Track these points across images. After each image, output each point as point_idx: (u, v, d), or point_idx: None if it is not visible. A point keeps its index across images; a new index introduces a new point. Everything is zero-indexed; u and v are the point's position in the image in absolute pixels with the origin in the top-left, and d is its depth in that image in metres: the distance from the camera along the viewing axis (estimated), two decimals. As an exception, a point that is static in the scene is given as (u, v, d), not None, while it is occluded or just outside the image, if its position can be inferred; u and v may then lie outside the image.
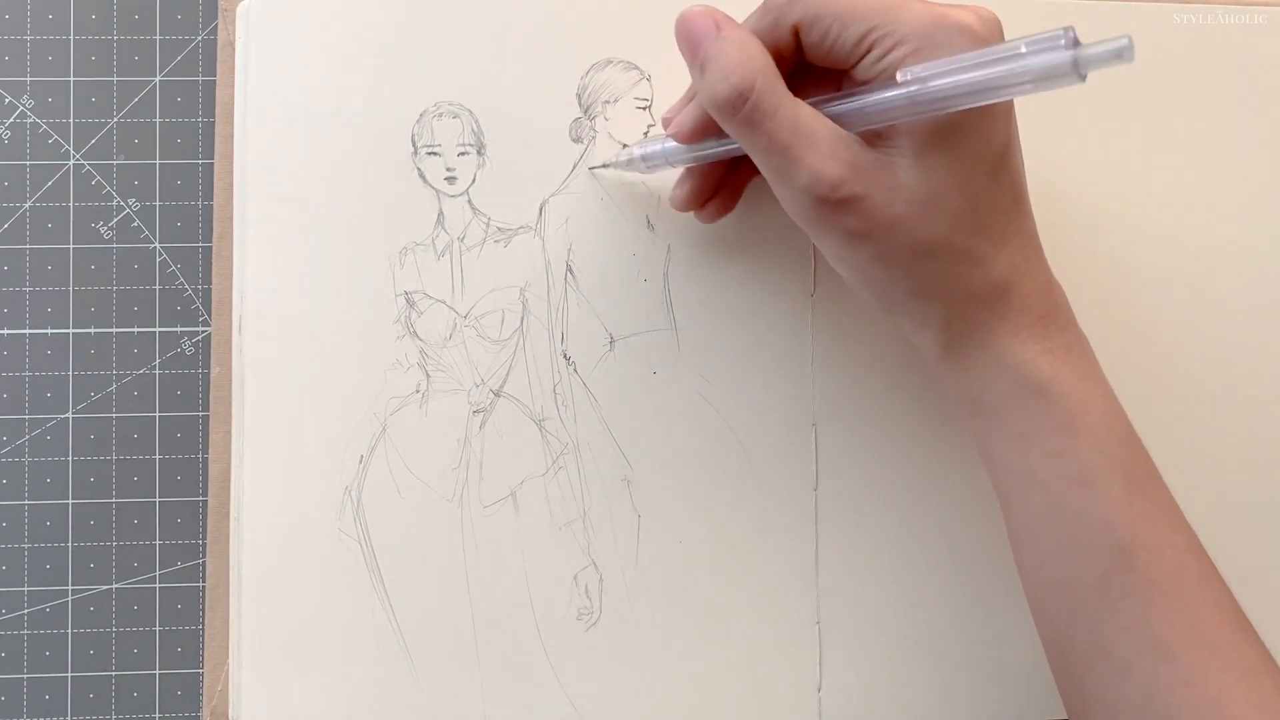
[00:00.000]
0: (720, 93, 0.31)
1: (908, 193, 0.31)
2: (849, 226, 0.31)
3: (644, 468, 0.39)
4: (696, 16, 0.33)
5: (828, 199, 0.31)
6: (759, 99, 0.31)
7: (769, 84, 0.31)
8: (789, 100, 0.31)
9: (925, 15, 0.31)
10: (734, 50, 0.32)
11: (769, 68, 0.32)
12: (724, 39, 0.32)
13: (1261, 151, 0.42)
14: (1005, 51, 0.29)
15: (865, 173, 0.31)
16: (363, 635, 0.38)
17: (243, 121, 0.39)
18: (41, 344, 0.40)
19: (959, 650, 0.39)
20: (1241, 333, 0.41)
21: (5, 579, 0.40)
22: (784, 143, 0.31)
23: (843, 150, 0.31)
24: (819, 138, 0.31)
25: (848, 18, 0.31)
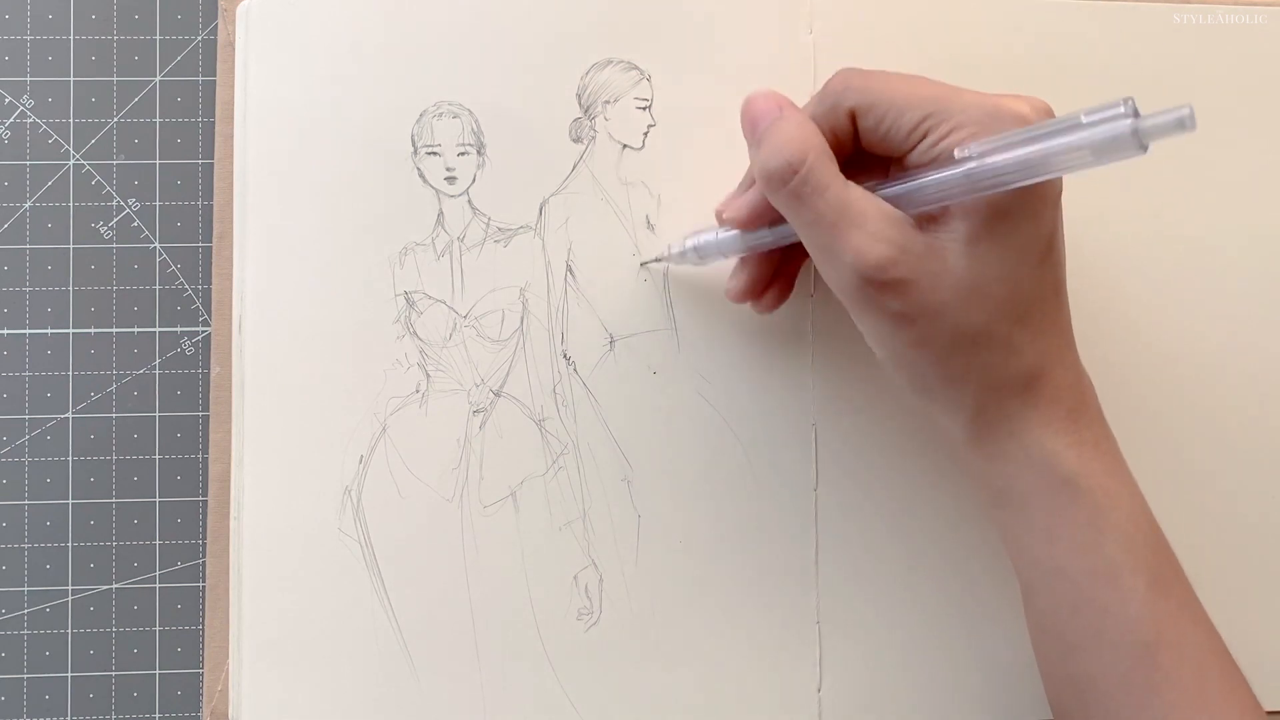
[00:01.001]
0: (773, 165, 0.32)
1: (954, 279, 0.31)
2: (892, 309, 0.31)
3: (644, 468, 0.39)
4: (760, 98, 0.34)
5: (873, 280, 0.31)
6: (809, 173, 0.31)
7: (821, 160, 0.32)
8: (840, 179, 0.32)
9: (981, 103, 0.31)
10: (791, 127, 0.32)
11: (822, 146, 0.32)
12: (783, 118, 0.33)
13: (1262, 151, 0.42)
14: (1063, 123, 0.29)
15: (913, 256, 0.31)
16: (363, 635, 0.38)
17: (243, 121, 0.39)
18: (41, 344, 0.40)
19: (958, 650, 0.39)
20: (1242, 333, 0.41)
21: (5, 579, 0.40)
22: (832, 220, 0.31)
23: (893, 232, 0.31)
24: (868, 218, 0.31)
25: (904, 105, 0.31)
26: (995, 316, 0.31)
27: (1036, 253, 0.32)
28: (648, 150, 0.40)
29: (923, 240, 0.31)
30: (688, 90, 0.40)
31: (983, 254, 0.31)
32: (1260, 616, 0.41)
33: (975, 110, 0.31)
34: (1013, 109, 0.31)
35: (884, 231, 0.31)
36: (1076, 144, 0.28)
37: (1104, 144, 0.28)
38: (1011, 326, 0.32)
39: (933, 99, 0.31)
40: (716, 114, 0.40)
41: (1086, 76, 0.41)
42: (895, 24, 0.41)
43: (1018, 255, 0.31)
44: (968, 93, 0.31)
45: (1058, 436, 0.32)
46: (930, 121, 0.31)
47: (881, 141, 0.32)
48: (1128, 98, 0.28)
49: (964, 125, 0.31)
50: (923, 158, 0.32)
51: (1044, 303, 0.32)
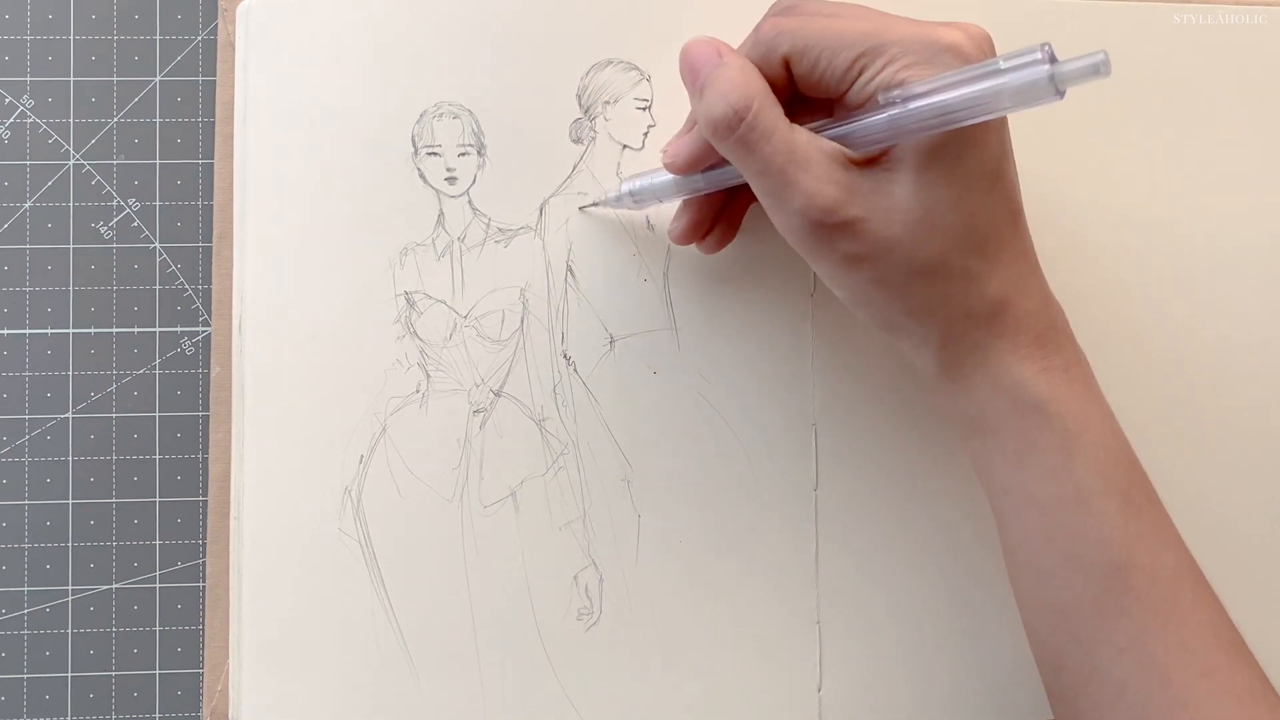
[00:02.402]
0: (717, 112, 0.32)
1: (904, 214, 0.31)
2: (845, 250, 0.31)
3: (644, 468, 0.39)
4: (699, 44, 0.33)
5: (824, 223, 0.31)
6: (755, 119, 0.31)
7: (766, 105, 0.31)
8: (785, 124, 0.31)
9: (913, 34, 0.31)
10: (734, 73, 0.32)
11: (766, 91, 0.32)
12: (725, 64, 0.32)
13: (1262, 151, 0.42)
14: (982, 70, 0.29)
15: (861, 195, 0.31)
16: (363, 635, 0.38)
17: (243, 121, 0.39)
18: (41, 344, 0.40)
19: (958, 650, 0.39)
20: (1243, 332, 0.41)
21: (5, 579, 0.40)
22: (779, 165, 0.31)
23: (838, 173, 0.31)
24: (814, 161, 0.31)
25: (836, 45, 0.31)
26: (950, 247, 0.31)
27: (985, 179, 0.31)
28: (648, 150, 0.40)
29: (869, 178, 0.31)
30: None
31: (930, 185, 0.31)
32: (1261, 616, 0.41)
33: (910, 42, 0.30)
34: (947, 38, 0.30)
35: (831, 173, 0.31)
36: (995, 90, 0.28)
37: (1022, 90, 0.28)
38: (968, 257, 0.32)
39: (866, 34, 0.31)
40: (716, 114, 0.40)
41: (1086, 77, 0.41)
42: (895, 24, 0.41)
43: (966, 184, 0.31)
44: (902, 23, 0.31)
45: (1026, 363, 0.32)
46: (865, 59, 0.31)
47: (818, 84, 0.32)
48: (1045, 43, 0.28)
49: (898, 58, 0.30)
50: (860, 95, 0.31)
51: (1000, 230, 0.32)
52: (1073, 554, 0.32)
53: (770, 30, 0.32)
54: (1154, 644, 0.31)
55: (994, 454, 0.33)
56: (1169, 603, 0.31)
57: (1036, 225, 0.41)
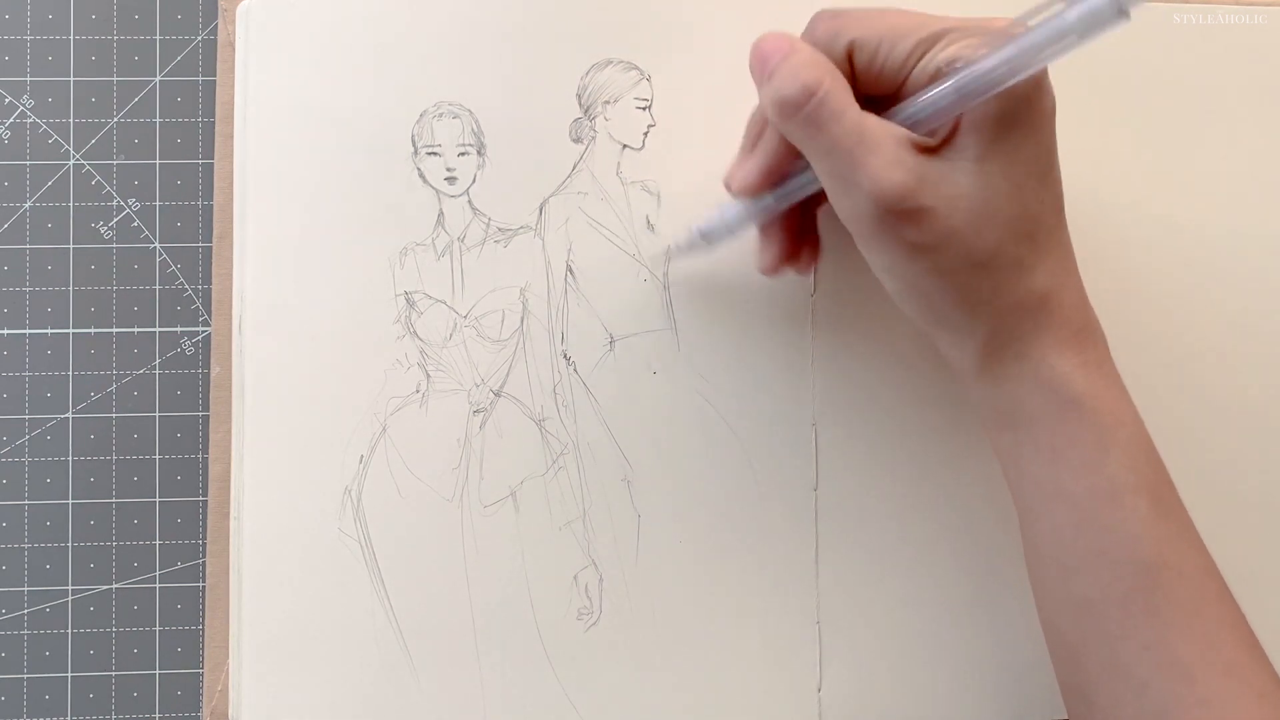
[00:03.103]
0: (788, 91, 0.31)
1: (968, 202, 0.31)
2: (910, 238, 0.31)
3: (644, 468, 0.39)
4: (771, 37, 0.33)
5: (892, 209, 0.31)
6: (826, 95, 0.31)
7: (837, 84, 0.31)
8: (855, 106, 0.31)
9: (968, 23, 0.31)
10: (805, 54, 0.32)
11: (837, 73, 0.32)
12: (795, 51, 0.32)
13: (1262, 151, 0.42)
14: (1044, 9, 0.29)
15: (929, 183, 0.31)
16: (363, 635, 0.38)
17: (243, 121, 0.39)
18: (41, 344, 0.40)
19: (958, 650, 0.39)
20: (1243, 331, 0.41)
21: (5, 579, 0.40)
22: (849, 145, 0.31)
23: (908, 159, 0.31)
24: (884, 145, 0.31)
25: (896, 34, 0.32)
26: (1006, 236, 0.31)
27: (1039, 168, 0.32)
28: (648, 150, 0.40)
29: (935, 165, 0.31)
30: (688, 90, 0.40)
31: (991, 173, 0.31)
32: (1262, 615, 0.41)
33: (967, 27, 0.31)
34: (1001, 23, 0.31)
35: (900, 158, 0.31)
36: (1061, 27, 0.29)
37: (1087, 19, 0.28)
38: (1021, 246, 0.32)
39: (923, 24, 0.31)
40: (716, 114, 0.40)
41: (1087, 76, 0.41)
42: (895, 24, 0.41)
43: (1023, 171, 0.31)
44: (954, 19, 0.32)
45: (1065, 357, 0.32)
46: (924, 44, 0.31)
47: (879, 74, 0.32)
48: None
49: (957, 39, 0.31)
50: (920, 77, 0.32)
51: (1048, 221, 0.33)
52: (1102, 549, 0.32)
53: (830, 25, 0.33)
54: (1179, 642, 0.31)
55: (1026, 447, 0.33)
56: (1195, 602, 0.31)
57: (1036, 225, 0.41)
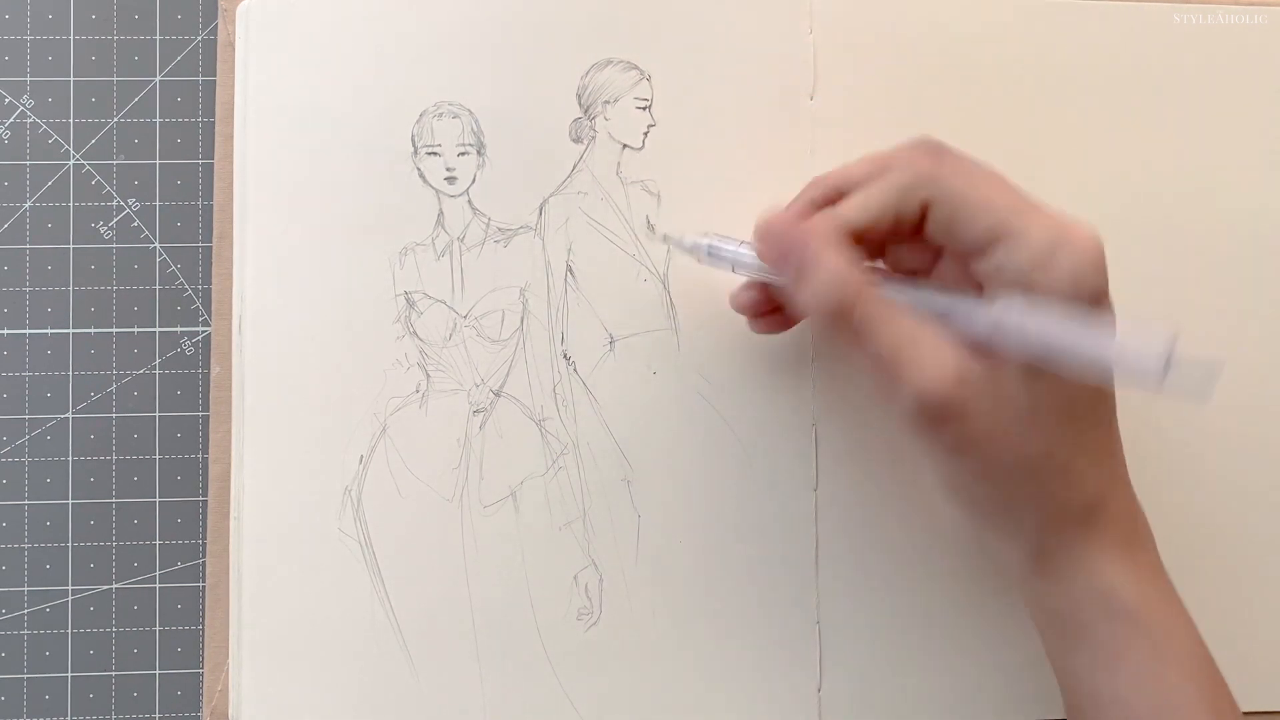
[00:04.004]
0: (826, 305, 0.31)
1: (1014, 407, 0.31)
2: (953, 437, 0.31)
3: (644, 468, 0.39)
4: (785, 224, 0.33)
5: (933, 411, 0.31)
6: (865, 311, 0.31)
7: (870, 300, 0.31)
8: (892, 313, 0.31)
9: (1051, 227, 0.30)
10: (834, 266, 0.31)
11: (868, 281, 0.32)
12: (823, 249, 0.32)
13: (1262, 151, 0.42)
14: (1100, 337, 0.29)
15: (971, 386, 0.31)
16: (363, 635, 0.38)
17: (243, 121, 0.39)
18: (41, 344, 0.40)
19: (959, 650, 0.39)
20: (1242, 331, 0.41)
21: (5, 579, 0.40)
22: (888, 355, 0.31)
23: (949, 359, 0.31)
24: (923, 350, 0.31)
25: (977, 207, 0.31)
26: (1055, 443, 0.31)
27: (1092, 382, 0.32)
28: (648, 150, 0.40)
29: (979, 368, 0.31)
30: (688, 90, 0.40)
31: (1039, 380, 0.31)
32: (1260, 615, 0.41)
33: (1045, 236, 0.30)
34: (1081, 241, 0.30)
35: (941, 360, 0.31)
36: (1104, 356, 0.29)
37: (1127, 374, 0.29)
38: (1070, 452, 0.31)
39: (1007, 211, 0.31)
40: (716, 114, 0.40)
41: (1087, 76, 0.41)
42: (895, 24, 0.41)
43: (1074, 384, 0.31)
44: (1039, 213, 0.31)
45: (1117, 566, 0.32)
46: (998, 234, 0.31)
47: (948, 238, 0.32)
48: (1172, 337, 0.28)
49: (1029, 247, 0.30)
50: (984, 267, 0.31)
51: (1099, 428, 0.32)
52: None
53: (924, 168, 0.32)
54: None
55: (1082, 654, 0.33)
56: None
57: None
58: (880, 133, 0.40)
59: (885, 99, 0.40)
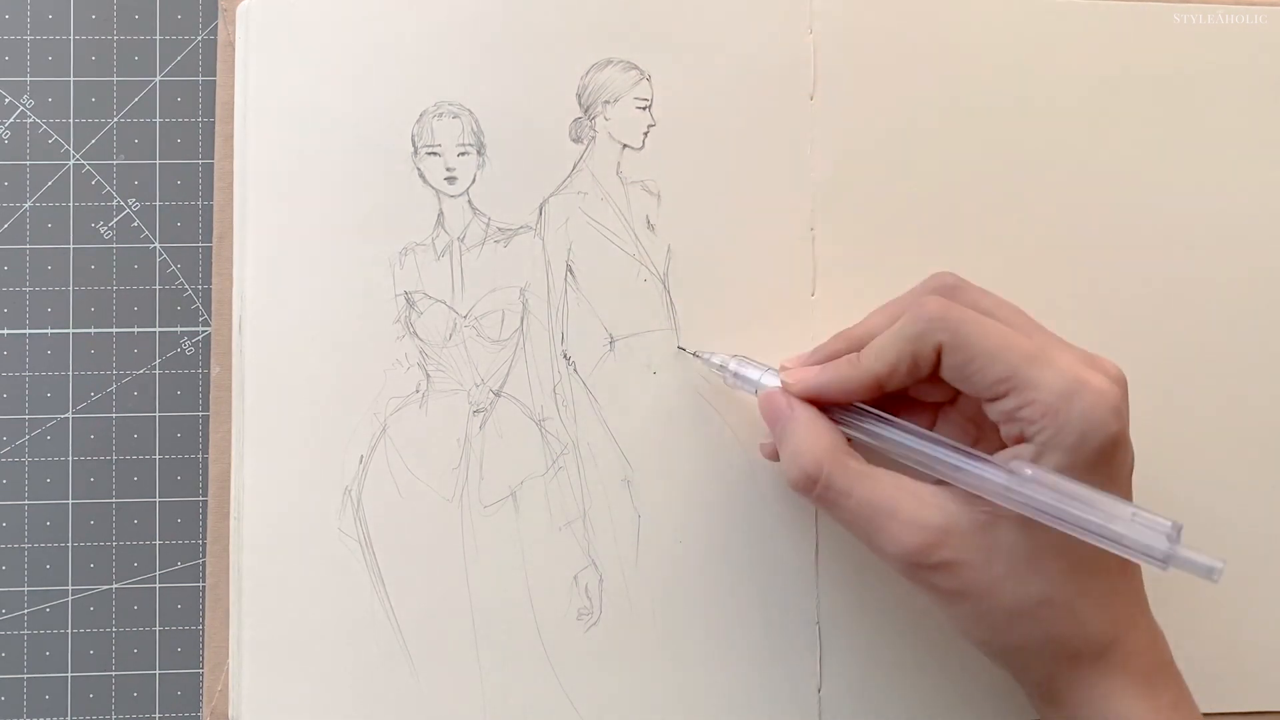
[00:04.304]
0: (792, 476, 0.33)
1: (1008, 553, 0.31)
2: (943, 587, 0.32)
3: (644, 468, 0.39)
4: (771, 398, 0.35)
5: (919, 564, 0.31)
6: (829, 480, 0.32)
7: (836, 467, 0.32)
8: (862, 477, 0.32)
9: (1064, 377, 0.30)
10: (802, 435, 0.33)
11: (834, 449, 0.33)
12: (794, 419, 0.33)
13: (1261, 151, 0.42)
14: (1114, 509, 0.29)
15: (958, 535, 0.31)
16: (363, 635, 0.38)
17: (243, 121, 0.39)
18: (41, 344, 0.40)
19: (958, 650, 0.39)
20: (1242, 331, 0.41)
21: (5, 579, 0.40)
22: (865, 516, 0.32)
23: (931, 515, 0.31)
24: (900, 508, 0.31)
25: (991, 356, 0.31)
26: (1055, 587, 0.31)
27: None
28: (648, 150, 0.40)
29: (969, 516, 0.31)
30: (688, 90, 0.40)
31: (1036, 528, 0.31)
32: (1260, 615, 0.41)
33: (1058, 384, 0.30)
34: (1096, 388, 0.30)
35: (920, 517, 0.31)
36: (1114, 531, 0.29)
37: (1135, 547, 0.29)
38: (1074, 596, 0.31)
39: (1020, 359, 0.31)
40: (716, 114, 0.40)
41: (1086, 76, 0.41)
42: (895, 24, 0.41)
43: None
44: (1055, 356, 0.31)
45: (1134, 703, 0.32)
46: (1011, 383, 0.31)
47: (962, 381, 0.32)
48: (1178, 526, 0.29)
49: (1040, 400, 0.30)
50: (994, 413, 0.32)
51: (1107, 572, 0.32)
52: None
53: (935, 313, 0.32)
54: None
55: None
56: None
57: (1035, 224, 0.41)
58: (880, 133, 0.40)
59: (885, 99, 0.40)
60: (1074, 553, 0.31)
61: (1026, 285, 0.40)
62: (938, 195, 0.40)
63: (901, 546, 0.31)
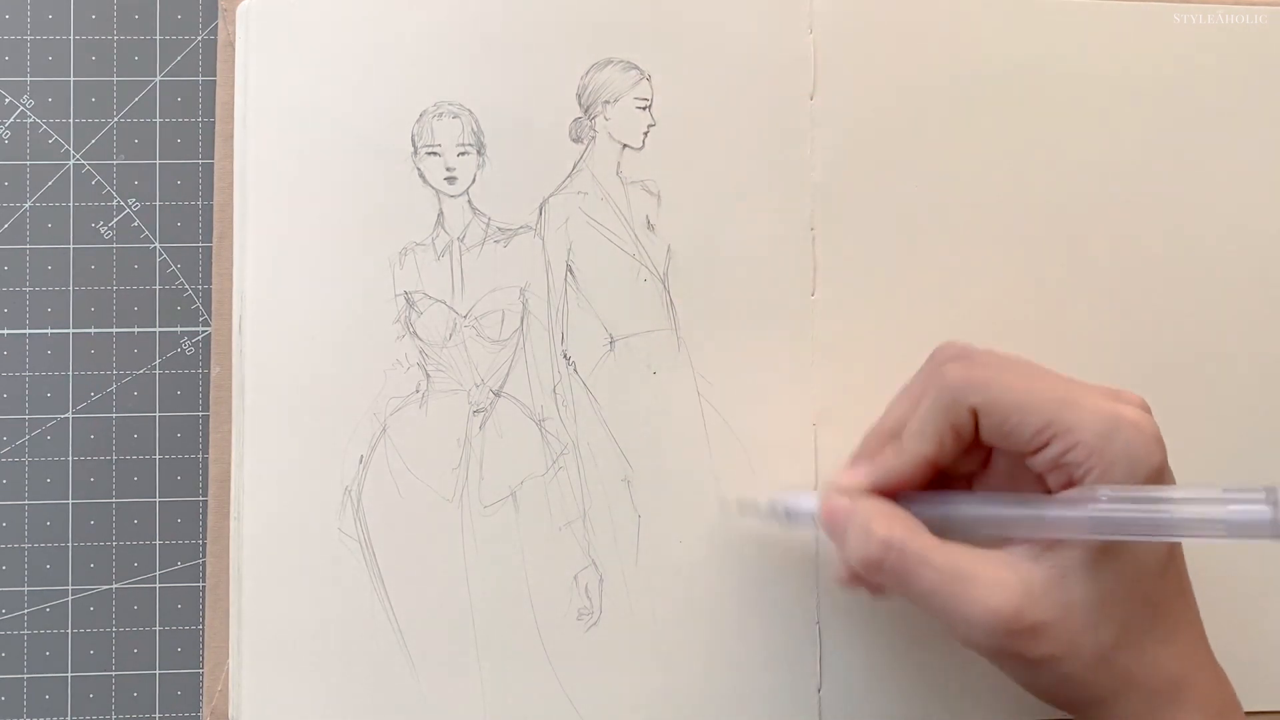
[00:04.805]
0: (867, 551, 0.32)
1: (1081, 604, 0.31)
2: (1033, 652, 0.31)
3: (644, 468, 0.39)
4: (832, 506, 0.34)
5: (1010, 630, 0.31)
6: (905, 545, 0.32)
7: (912, 532, 0.32)
8: (937, 544, 0.32)
9: (1101, 414, 0.30)
10: (873, 510, 0.33)
11: (909, 520, 0.32)
12: (861, 508, 0.33)
13: (1262, 151, 0.42)
14: (1202, 495, 0.29)
15: (1039, 596, 0.31)
16: (363, 635, 0.38)
17: (243, 121, 0.39)
18: (41, 344, 0.40)
19: (958, 650, 0.39)
20: (1242, 331, 0.41)
21: (5, 579, 0.40)
22: (945, 585, 0.31)
23: (1011, 578, 0.31)
24: (981, 573, 0.31)
25: (1026, 408, 0.31)
26: (1126, 630, 0.31)
27: (1159, 562, 0.31)
28: (648, 150, 0.40)
29: (1043, 575, 0.31)
30: (688, 90, 0.40)
31: (1104, 574, 0.31)
32: (1260, 615, 0.41)
33: (1096, 422, 0.30)
34: (1132, 420, 0.30)
35: (1002, 579, 0.31)
36: (1212, 519, 0.29)
37: (1242, 527, 0.28)
38: (1143, 636, 0.31)
39: (1056, 405, 0.31)
40: (716, 114, 0.40)
41: (1086, 76, 0.41)
42: (896, 24, 0.41)
43: (1139, 568, 0.31)
44: (1086, 396, 0.31)
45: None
46: (1051, 430, 0.31)
47: (1004, 440, 0.32)
48: (1272, 487, 0.28)
49: (1085, 440, 0.30)
50: (1043, 464, 0.31)
51: (1172, 607, 0.32)
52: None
53: (959, 380, 0.32)
54: None
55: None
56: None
57: (1035, 224, 0.41)
58: (880, 133, 0.40)
59: (885, 99, 0.40)
60: (1138, 594, 0.31)
61: (1026, 285, 0.40)
62: (938, 195, 0.40)
63: (993, 612, 0.31)
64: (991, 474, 0.35)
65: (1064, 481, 0.31)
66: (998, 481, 0.35)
